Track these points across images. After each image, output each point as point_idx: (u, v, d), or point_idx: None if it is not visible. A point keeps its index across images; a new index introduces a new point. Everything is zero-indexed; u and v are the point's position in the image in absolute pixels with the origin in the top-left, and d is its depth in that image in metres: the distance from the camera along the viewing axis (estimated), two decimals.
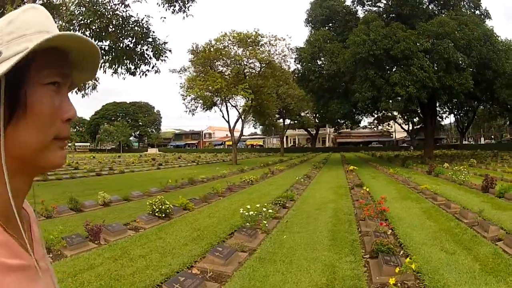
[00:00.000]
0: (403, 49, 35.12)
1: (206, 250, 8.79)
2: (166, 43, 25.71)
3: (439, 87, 36.12)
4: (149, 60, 25.38)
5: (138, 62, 25.31)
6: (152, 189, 19.82)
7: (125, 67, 25.28)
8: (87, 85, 29.87)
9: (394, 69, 38.07)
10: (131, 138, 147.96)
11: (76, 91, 26.54)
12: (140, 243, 9.50)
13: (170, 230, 10.97)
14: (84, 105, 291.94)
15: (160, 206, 12.38)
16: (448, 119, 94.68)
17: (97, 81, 31.11)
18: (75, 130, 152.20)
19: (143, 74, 25.68)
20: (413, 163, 37.57)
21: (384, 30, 36.58)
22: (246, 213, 10.97)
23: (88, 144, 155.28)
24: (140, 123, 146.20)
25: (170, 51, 25.76)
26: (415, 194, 17.73)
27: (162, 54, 25.27)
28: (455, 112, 75.73)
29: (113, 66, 24.62)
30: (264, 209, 11.63)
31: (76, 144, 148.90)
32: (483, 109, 70.51)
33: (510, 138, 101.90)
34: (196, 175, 27.35)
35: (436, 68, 36.17)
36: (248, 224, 10.73)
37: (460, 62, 36.77)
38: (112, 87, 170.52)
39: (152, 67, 25.66)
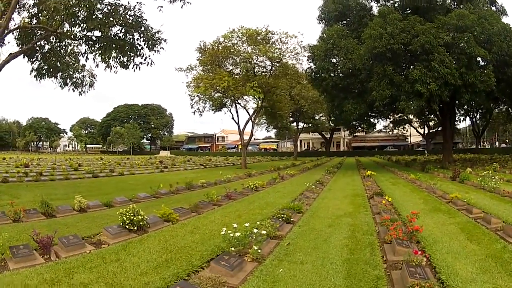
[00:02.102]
0: (423, 43, 32.97)
1: (168, 285, 6.67)
2: (160, 31, 24.11)
3: (461, 84, 33.96)
4: (141, 50, 23.84)
5: (130, 53, 23.79)
6: (140, 195, 18.08)
7: (118, 60, 24.09)
8: (84, 83, 28.36)
9: (413, 65, 35.40)
10: (143, 141, 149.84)
11: (73, 89, 26.95)
12: (91, 265, 7.66)
13: (136, 249, 8.89)
14: (97, 107, 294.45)
15: (132, 217, 10.47)
16: (463, 123, 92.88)
17: (94, 78, 29.24)
18: (86, 132, 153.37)
19: (136, 67, 24.20)
20: (434, 168, 35.66)
21: (402, 23, 34.56)
22: (231, 234, 8.48)
23: (100, 146, 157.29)
24: (152, 125, 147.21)
25: (165, 40, 24.17)
26: (445, 205, 15.50)
27: (156, 44, 23.73)
28: (471, 115, 74.31)
29: (106, 59, 23.54)
30: (256, 230, 8.94)
31: (87, 146, 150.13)
32: (498, 111, 69.23)
33: None
34: (197, 179, 25.56)
35: (457, 64, 33.99)
36: (233, 249, 8.25)
37: (482, 58, 34.90)
38: (124, 90, 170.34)
39: (145, 59, 24.03)
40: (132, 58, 23.97)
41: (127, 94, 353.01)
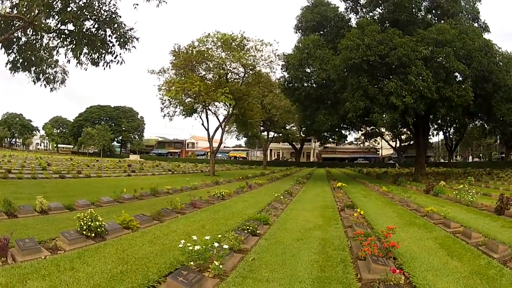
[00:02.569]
0: (400, 56, 32.63)
1: None
2: (133, 29, 23.65)
3: (437, 98, 33.66)
4: (112, 48, 23.37)
5: (101, 50, 23.34)
6: (103, 199, 17.30)
7: (90, 56, 23.64)
8: (56, 78, 28.03)
9: (389, 78, 35.37)
10: (114, 143, 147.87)
11: (45, 85, 26.75)
12: (45, 272, 7.09)
13: (91, 258, 8.18)
14: (71, 106, 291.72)
15: (90, 223, 9.77)
16: (436, 137, 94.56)
17: (66, 74, 28.88)
18: (58, 131, 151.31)
19: (106, 65, 23.69)
20: (406, 181, 35.60)
21: (380, 35, 34.25)
22: (191, 247, 7.65)
23: (71, 146, 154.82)
24: (123, 128, 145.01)
25: (137, 39, 23.73)
26: (421, 219, 15.11)
27: (127, 42, 23.27)
28: (444, 129, 75.08)
29: (77, 55, 22.95)
30: (217, 244, 8.05)
31: (59, 145, 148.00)
32: (473, 126, 70.05)
33: (501, 155, 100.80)
34: (164, 185, 24.80)
35: (434, 78, 33.61)
36: (192, 263, 7.49)
37: (461, 73, 34.95)
38: (99, 91, 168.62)
39: (115, 57, 23.52)
40: (103, 55, 23.47)
41: (101, 94, 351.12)
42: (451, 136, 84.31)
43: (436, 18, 41.63)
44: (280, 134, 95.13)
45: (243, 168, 79.12)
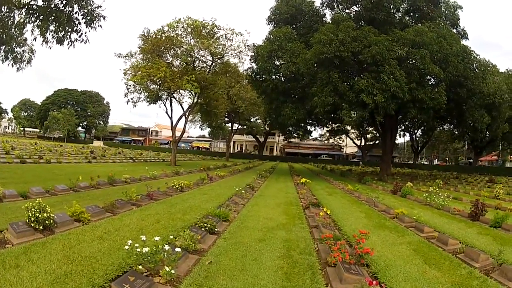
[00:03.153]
0: (374, 54, 32.21)
1: None
2: (101, 7, 22.67)
3: (409, 99, 33.38)
4: (78, 25, 22.36)
5: (67, 28, 22.23)
6: (58, 187, 16.30)
7: (55, 34, 22.48)
8: (23, 58, 27.49)
9: (361, 75, 34.81)
10: (79, 129, 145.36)
11: (12, 64, 26.23)
12: None
13: (37, 254, 7.44)
14: (41, 88, 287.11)
15: (38, 214, 8.97)
16: (402, 138, 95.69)
17: (33, 54, 28.28)
18: (26, 114, 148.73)
19: (71, 44, 22.57)
20: (372, 180, 35.33)
21: (355, 32, 33.79)
22: (138, 249, 6.74)
23: (38, 130, 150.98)
24: (88, 113, 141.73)
25: (104, 18, 22.78)
26: (391, 221, 14.56)
27: (94, 20, 22.33)
28: (411, 131, 75.84)
29: (43, 32, 22.13)
30: (167, 247, 7.01)
31: (27, 129, 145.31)
32: (440, 130, 71.44)
33: (469, 161, 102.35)
34: (123, 173, 24.16)
35: (407, 79, 33.30)
36: (141, 267, 6.57)
37: (435, 76, 34.47)
38: (69, 73, 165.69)
39: (80, 35, 22.51)
40: (69, 33, 22.40)
41: (71, 77, 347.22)
42: (417, 139, 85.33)
43: (413, 21, 41.24)
44: (245, 127, 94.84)
45: (205, 159, 78.29)
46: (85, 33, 22.41)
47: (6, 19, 23.94)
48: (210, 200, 17.04)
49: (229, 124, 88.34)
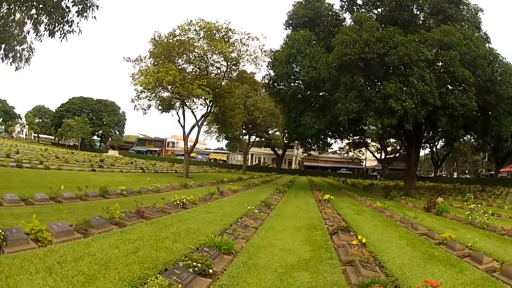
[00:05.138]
0: (402, 56, 30.07)
1: None
2: None
3: (439, 105, 30.92)
4: (68, 14, 20.99)
5: (59, 18, 20.90)
6: (37, 195, 14.57)
7: (47, 27, 21.28)
8: (22, 56, 25.45)
9: (388, 79, 31.94)
10: (94, 138, 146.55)
11: (10, 63, 24.70)
12: None
13: None
14: (57, 97, 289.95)
15: None
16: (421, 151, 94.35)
17: (32, 52, 26.10)
18: (40, 120, 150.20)
19: (63, 36, 21.21)
20: (399, 195, 32.83)
21: (379, 32, 31.66)
22: None
23: (53, 137, 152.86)
24: (104, 122, 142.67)
25: (97, 7, 21.23)
26: (439, 250, 11.43)
27: (86, 9, 20.91)
28: (431, 143, 74.56)
29: (36, 25, 21.28)
30: None
31: (41, 135, 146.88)
32: (460, 142, 68.75)
33: (489, 173, 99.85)
34: (123, 184, 22.42)
35: (437, 83, 31.12)
36: None
37: (465, 80, 31.65)
38: (84, 83, 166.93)
39: (70, 25, 21.07)
40: (61, 25, 21.04)
41: (86, 86, 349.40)
42: (437, 151, 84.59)
43: (437, 23, 38.07)
44: (262, 139, 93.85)
45: (221, 171, 77.17)
46: (77, 23, 21.05)
47: (6, 16, 22.43)
48: (215, 221, 13.77)
49: (246, 136, 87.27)
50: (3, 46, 23.81)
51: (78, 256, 7.57)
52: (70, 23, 20.77)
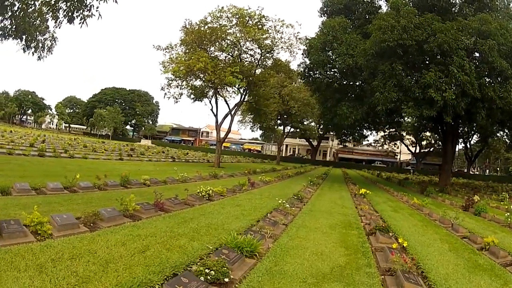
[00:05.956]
0: (441, 43, 28.72)
1: None
2: None
3: (479, 97, 29.55)
4: None
5: (77, 3, 19.94)
6: (50, 185, 13.75)
7: (66, 13, 20.34)
8: (45, 46, 25.06)
9: (427, 68, 30.75)
10: (127, 127, 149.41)
11: (32, 53, 24.54)
12: None
13: None
14: (87, 88, 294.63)
15: None
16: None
17: (55, 41, 25.83)
18: (71, 111, 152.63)
19: (83, 22, 19.99)
20: (436, 192, 31.47)
21: (417, 19, 30.30)
22: None
23: (85, 127, 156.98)
24: (137, 112, 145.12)
25: None
26: (483, 257, 10.39)
27: None
28: (465, 138, 73.39)
29: (55, 12, 20.57)
30: None
31: (72, 125, 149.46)
32: (493, 138, 66.36)
33: None
34: (149, 173, 21.86)
35: (477, 74, 29.74)
36: None
37: (503, 71, 30.10)
38: (116, 74, 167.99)
39: (89, 10, 19.88)
40: (80, 10, 20.04)
41: (118, 78, 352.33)
42: (471, 146, 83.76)
43: (473, 11, 36.37)
44: (297, 130, 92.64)
45: (255, 162, 76.66)
46: (97, 7, 20.11)
47: (26, 7, 21.98)
48: (241, 215, 12.72)
49: (281, 127, 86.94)
50: (24, 37, 23.54)
51: (76, 253, 6.83)
52: (89, 8, 20.02)
